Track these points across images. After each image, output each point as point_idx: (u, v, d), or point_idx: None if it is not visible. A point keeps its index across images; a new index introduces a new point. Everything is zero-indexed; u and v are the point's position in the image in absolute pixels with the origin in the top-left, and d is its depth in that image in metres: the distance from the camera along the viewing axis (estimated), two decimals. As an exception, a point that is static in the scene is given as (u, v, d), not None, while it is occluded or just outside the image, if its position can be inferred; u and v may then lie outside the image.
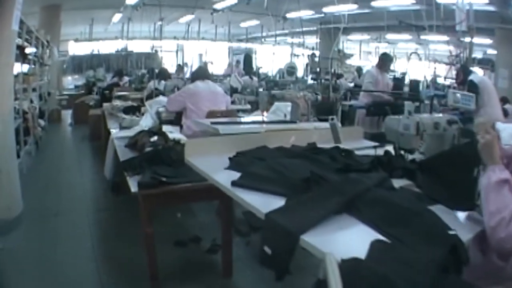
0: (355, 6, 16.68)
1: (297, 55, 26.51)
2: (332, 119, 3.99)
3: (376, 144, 4.27)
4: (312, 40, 27.94)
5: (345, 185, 2.66)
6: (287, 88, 11.22)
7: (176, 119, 7.49)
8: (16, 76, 8.82)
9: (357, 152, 3.68)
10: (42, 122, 11.92)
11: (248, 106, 9.25)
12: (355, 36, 25.19)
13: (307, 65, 23.26)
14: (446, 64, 20.40)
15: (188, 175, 3.98)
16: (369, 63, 26.64)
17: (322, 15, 19.66)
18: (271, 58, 25.79)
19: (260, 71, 21.79)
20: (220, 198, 4.60)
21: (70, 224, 6.69)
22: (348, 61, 24.85)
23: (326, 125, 4.71)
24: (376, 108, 9.02)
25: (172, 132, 6.13)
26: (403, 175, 3.13)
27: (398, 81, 11.73)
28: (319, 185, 2.70)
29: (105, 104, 10.50)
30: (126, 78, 16.56)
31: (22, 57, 9.30)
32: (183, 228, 6.37)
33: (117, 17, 22.10)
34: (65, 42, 24.42)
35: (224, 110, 7.39)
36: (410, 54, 17.26)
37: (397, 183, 2.92)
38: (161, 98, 8.20)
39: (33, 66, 12.23)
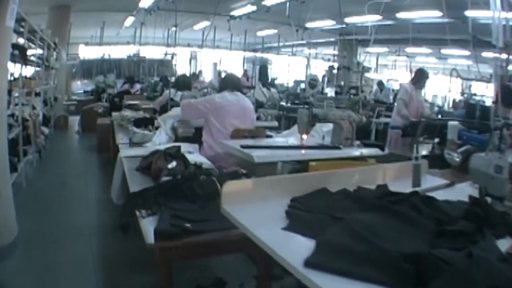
0: (379, 17, 15.71)
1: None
2: (417, 158, 3.05)
3: (449, 182, 3.33)
4: (328, 51, 27.14)
5: (473, 270, 1.74)
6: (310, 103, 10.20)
7: (195, 136, 6.63)
8: (15, 79, 7.98)
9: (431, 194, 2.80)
10: (45, 129, 10.97)
11: (275, 123, 8.37)
12: (373, 49, 24.23)
13: (323, 77, 22.57)
14: (463, 79, 19.72)
15: (219, 217, 3.00)
16: (384, 77, 25.96)
17: (344, 25, 18.55)
18: (286, 69, 25.08)
19: (276, 81, 21.12)
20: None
21: (71, 252, 5.84)
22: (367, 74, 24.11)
23: (371, 151, 4.59)
24: (414, 129, 8.05)
25: (191, 153, 5.36)
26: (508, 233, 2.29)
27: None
28: (437, 270, 1.75)
29: (115, 114, 9.67)
30: (137, 86, 15.71)
31: (23, 58, 8.35)
32: (205, 268, 5.37)
33: (129, 20, 21.22)
34: (75, 46, 23.86)
35: (252, 129, 6.46)
36: (452, 71, 16.14)
37: (501, 244, 2.11)
38: (175, 109, 7.25)
39: (37, 69, 11.47)
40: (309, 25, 19.11)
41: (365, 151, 5.02)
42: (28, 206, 7.05)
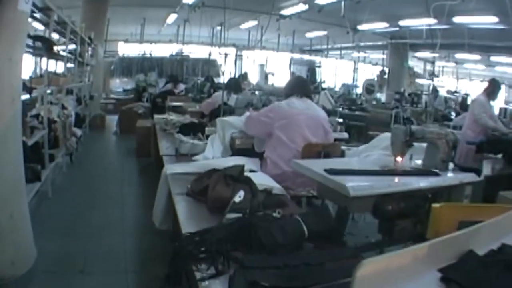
0: (434, 20, 14.60)
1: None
2: None
3: None
4: (376, 55, 26.03)
5: None
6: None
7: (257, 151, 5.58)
8: (41, 76, 6.89)
9: None
10: (78, 131, 9.95)
11: (345, 135, 7.23)
12: (423, 54, 23.10)
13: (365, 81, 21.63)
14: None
15: (311, 269, 2.26)
16: (435, 83, 24.94)
17: (397, 28, 17.57)
18: (333, 72, 24.03)
19: (323, 85, 20.11)
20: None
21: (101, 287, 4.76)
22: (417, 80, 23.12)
23: (468, 176, 3.98)
24: (491, 146, 7.60)
25: (253, 171, 4.54)
26: None
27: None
28: None
29: (157, 117, 8.77)
30: (182, 86, 14.76)
31: (48, 52, 7.25)
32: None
33: (172, 17, 20.29)
34: (114, 42, 23.37)
35: (327, 144, 5.33)
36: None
37: None
38: (238, 119, 6.03)
39: (70, 65, 10.52)
40: (361, 27, 17.88)
41: (463, 176, 4.07)
42: (52, 222, 6.10)
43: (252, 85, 15.57)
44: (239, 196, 3.21)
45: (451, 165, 4.32)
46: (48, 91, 7.48)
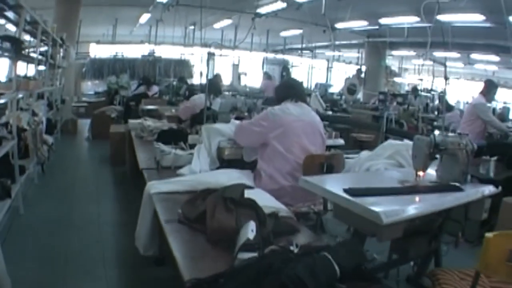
0: (417, 18, 14.23)
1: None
2: None
3: None
4: (350, 54, 25.60)
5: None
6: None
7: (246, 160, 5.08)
8: (9, 80, 6.33)
9: None
10: (49, 138, 9.22)
11: (341, 141, 6.66)
12: (399, 52, 22.74)
13: (346, 80, 21.17)
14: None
15: None
16: (411, 81, 25.05)
17: (376, 26, 17.13)
18: (306, 71, 23.50)
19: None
20: None
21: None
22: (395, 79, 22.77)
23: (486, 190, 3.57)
24: (492, 149, 7.13)
25: (250, 189, 3.98)
26: None
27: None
28: None
29: (132, 122, 8.15)
30: (155, 88, 14.14)
31: (17, 54, 6.60)
32: None
33: (144, 17, 19.51)
34: (86, 44, 22.33)
35: (330, 154, 4.88)
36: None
37: None
38: (226, 126, 5.47)
39: (41, 68, 9.87)
40: (339, 25, 17.37)
41: (484, 189, 3.66)
42: (26, 244, 5.49)
43: (224, 86, 15.21)
44: (251, 231, 2.64)
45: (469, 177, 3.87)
46: (19, 96, 6.93)
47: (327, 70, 26.43)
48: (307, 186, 3.58)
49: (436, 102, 16.13)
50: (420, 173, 3.69)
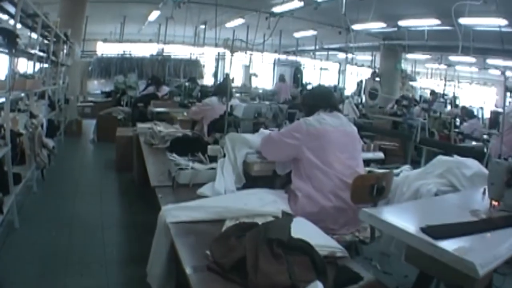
0: (437, 21, 14.15)
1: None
2: None
3: None
4: (362, 57, 24.89)
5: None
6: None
7: (278, 176, 4.44)
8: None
9: None
10: (50, 142, 8.34)
11: (381, 155, 5.86)
12: (413, 55, 21.98)
13: (359, 83, 20.95)
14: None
15: None
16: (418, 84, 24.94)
17: (395, 28, 16.57)
18: (317, 74, 22.83)
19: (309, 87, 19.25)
20: None
21: None
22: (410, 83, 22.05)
23: None
24: None
25: (289, 216, 3.45)
26: None
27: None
28: None
29: (141, 126, 7.47)
30: (165, 89, 13.24)
31: (10, 47, 5.76)
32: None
33: (154, 15, 18.62)
34: (93, 42, 21.78)
35: (379, 175, 4.13)
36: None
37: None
38: (253, 136, 4.72)
39: (44, 65, 9.20)
40: (356, 26, 16.60)
41: None
42: (20, 266, 4.72)
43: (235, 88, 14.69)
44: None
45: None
46: (16, 96, 6.34)
47: (339, 73, 25.69)
48: (370, 221, 2.92)
49: (448, 107, 15.42)
50: (495, 203, 3.16)
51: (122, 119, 12.21)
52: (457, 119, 13.11)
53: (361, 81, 21.47)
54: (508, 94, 17.67)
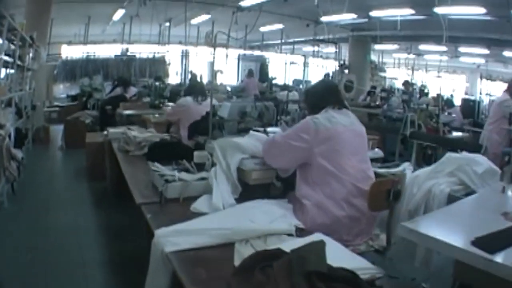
0: (411, 11, 13.86)
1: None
2: None
3: None
4: (327, 50, 24.41)
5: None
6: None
7: (284, 182, 3.98)
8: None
9: None
10: (19, 153, 7.73)
11: (380, 153, 5.41)
12: (382, 46, 21.67)
13: (325, 76, 20.34)
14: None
15: None
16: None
17: (366, 19, 16.30)
18: (282, 68, 22.54)
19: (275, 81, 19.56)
20: None
21: None
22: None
23: None
24: None
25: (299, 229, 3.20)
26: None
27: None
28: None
29: (112, 131, 6.84)
30: (133, 89, 12.54)
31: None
32: None
33: (119, 14, 18.01)
34: (57, 45, 20.91)
35: (395, 179, 3.78)
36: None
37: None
38: (246, 140, 4.17)
39: (10, 71, 8.67)
40: (326, 18, 16.15)
41: None
42: None
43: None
44: None
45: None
46: None
47: (304, 66, 25.28)
48: (411, 236, 2.61)
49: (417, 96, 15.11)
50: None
51: (90, 124, 11.60)
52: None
53: (328, 74, 21.17)
54: (479, 81, 17.55)
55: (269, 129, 5.06)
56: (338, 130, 3.57)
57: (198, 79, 15.62)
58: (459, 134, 9.52)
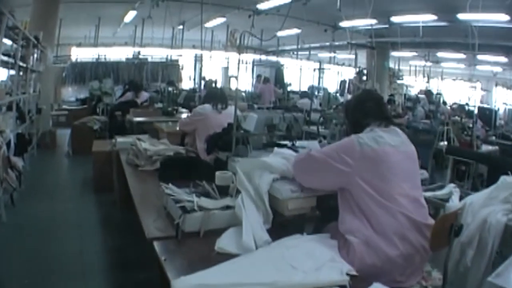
0: (434, 17, 13.43)
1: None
2: None
3: None
4: (342, 56, 24.23)
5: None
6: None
7: (324, 212, 3.39)
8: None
9: None
10: (19, 161, 7.17)
11: (426, 174, 4.83)
12: (399, 53, 21.09)
13: (342, 83, 20.70)
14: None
15: None
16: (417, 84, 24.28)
17: (386, 25, 15.89)
18: (297, 74, 22.53)
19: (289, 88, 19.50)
20: None
21: None
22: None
23: None
24: None
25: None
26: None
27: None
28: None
29: (121, 141, 6.14)
30: (145, 94, 11.94)
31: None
32: None
33: (130, 15, 17.45)
34: (67, 47, 20.54)
35: (458, 211, 3.23)
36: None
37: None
38: (275, 159, 3.53)
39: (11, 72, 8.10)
40: (345, 23, 15.60)
41: None
42: None
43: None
44: None
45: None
46: None
47: (319, 72, 24.74)
48: None
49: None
50: None
51: (98, 130, 11.04)
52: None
53: (344, 81, 20.68)
54: (494, 89, 17.02)
55: (298, 143, 4.42)
56: (386, 152, 2.99)
57: (213, 85, 15.00)
58: (489, 147, 8.75)
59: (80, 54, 21.74)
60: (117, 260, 5.19)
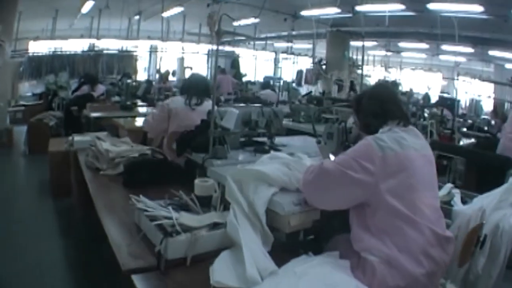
0: (402, 6, 12.94)
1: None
2: None
3: None
4: (299, 46, 23.75)
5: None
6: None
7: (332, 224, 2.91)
8: None
9: None
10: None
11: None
12: (358, 42, 20.75)
13: (298, 73, 20.70)
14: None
15: None
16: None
17: (350, 15, 15.30)
18: (252, 64, 22.86)
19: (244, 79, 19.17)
20: None
21: None
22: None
23: None
24: None
25: None
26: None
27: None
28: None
29: (78, 139, 5.46)
30: (101, 88, 11.24)
31: None
32: None
33: (87, 6, 16.83)
34: (24, 41, 19.56)
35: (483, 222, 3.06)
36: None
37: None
38: (273, 166, 2.91)
39: None
40: (306, 12, 15.13)
41: None
42: None
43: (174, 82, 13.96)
44: None
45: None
46: None
47: (275, 62, 24.21)
48: None
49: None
50: None
51: (54, 126, 10.33)
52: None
53: (301, 71, 20.81)
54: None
55: (277, 139, 3.86)
56: (410, 156, 2.55)
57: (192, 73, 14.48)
58: (465, 140, 8.16)
59: (37, 48, 21.07)
60: (79, 272, 4.52)
